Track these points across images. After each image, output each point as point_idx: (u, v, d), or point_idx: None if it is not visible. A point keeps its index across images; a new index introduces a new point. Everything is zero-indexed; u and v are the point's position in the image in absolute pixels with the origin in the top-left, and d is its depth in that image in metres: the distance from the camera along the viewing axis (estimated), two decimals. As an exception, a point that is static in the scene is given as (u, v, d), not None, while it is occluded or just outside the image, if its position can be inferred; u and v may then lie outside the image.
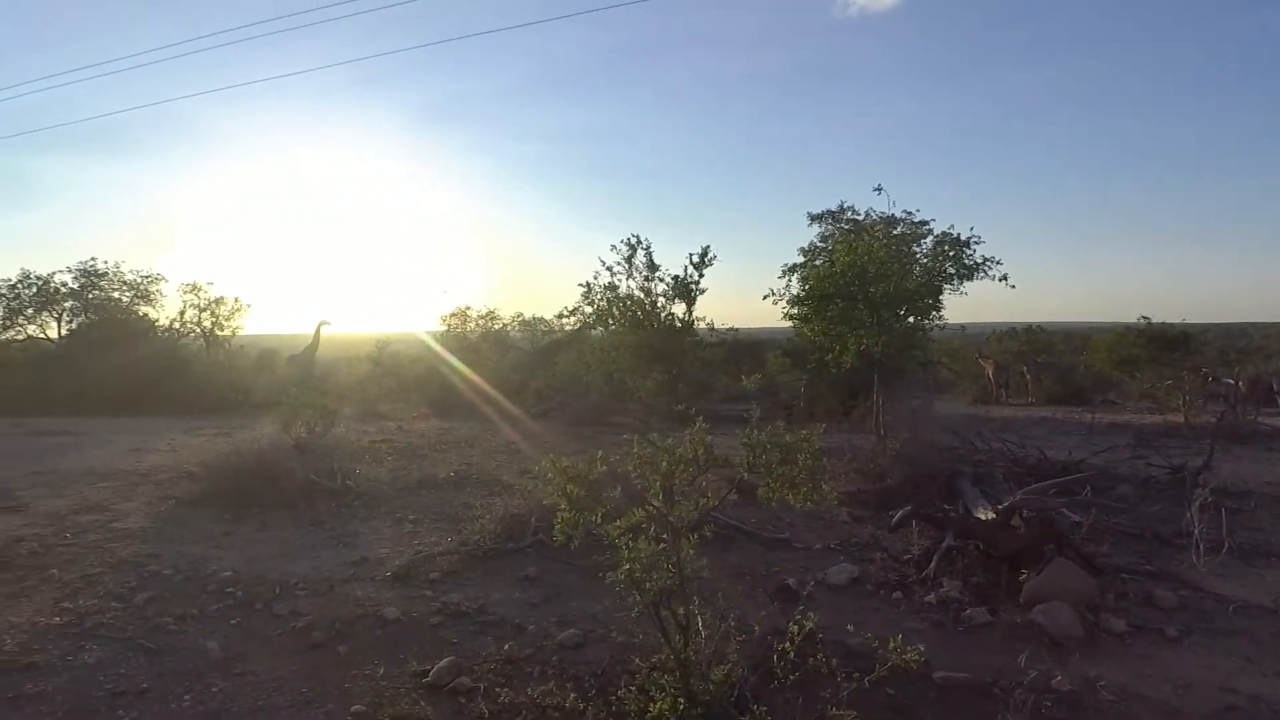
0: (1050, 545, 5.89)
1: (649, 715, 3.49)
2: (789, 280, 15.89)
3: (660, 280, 17.44)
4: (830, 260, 12.61)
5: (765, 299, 14.81)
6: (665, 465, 3.48)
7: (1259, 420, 14.16)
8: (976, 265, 13.16)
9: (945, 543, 6.09)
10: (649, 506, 3.52)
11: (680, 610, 3.65)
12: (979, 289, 13.24)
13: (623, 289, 17.59)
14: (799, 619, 3.64)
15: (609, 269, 17.59)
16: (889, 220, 14.41)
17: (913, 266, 13.08)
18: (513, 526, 6.97)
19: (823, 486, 3.68)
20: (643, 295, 17.44)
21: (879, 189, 13.66)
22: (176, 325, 25.85)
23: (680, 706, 3.49)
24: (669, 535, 3.52)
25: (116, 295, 25.08)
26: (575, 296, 18.20)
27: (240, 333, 27.67)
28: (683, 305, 17.48)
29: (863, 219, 18.98)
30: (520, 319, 29.96)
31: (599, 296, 17.71)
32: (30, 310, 24.68)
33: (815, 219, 20.28)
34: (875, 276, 11.60)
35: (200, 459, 10.56)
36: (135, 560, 6.51)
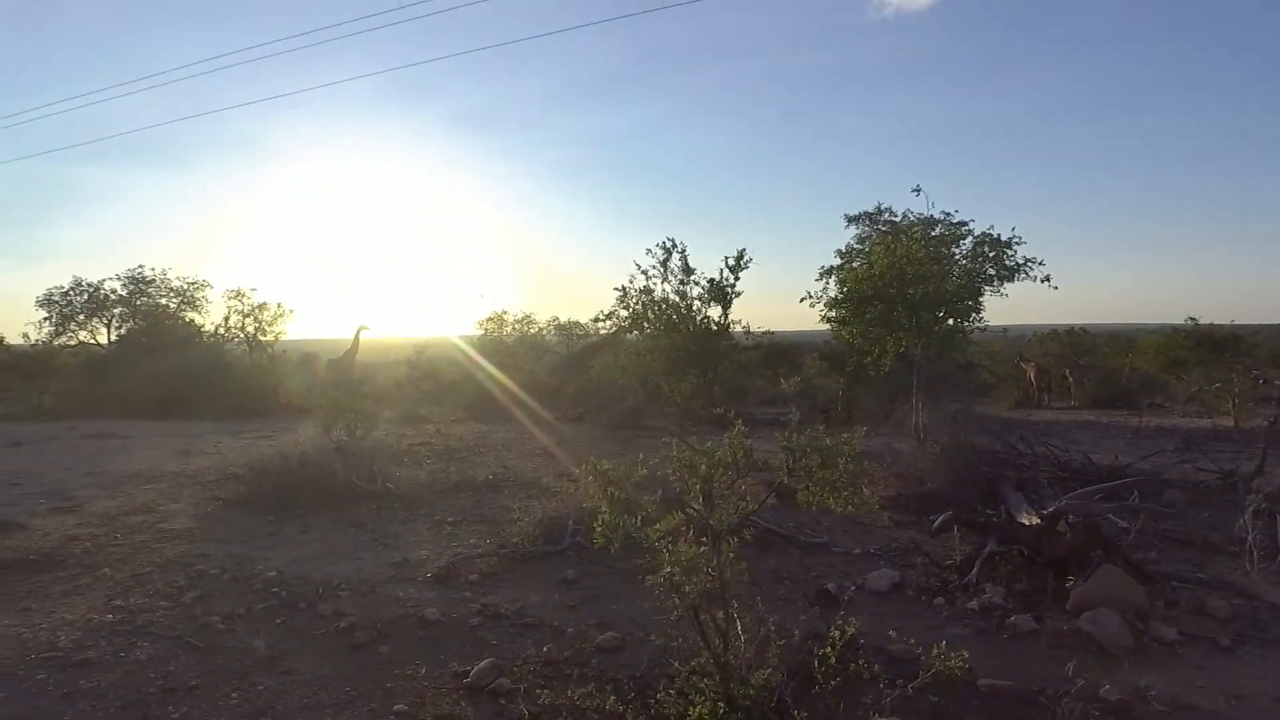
0: (1097, 552, 5.77)
1: (688, 719, 3.49)
2: (826, 282, 15.79)
3: (696, 283, 17.44)
4: (868, 262, 12.49)
5: (802, 301, 14.72)
6: (704, 469, 3.47)
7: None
8: (1017, 266, 12.93)
9: (988, 548, 6.00)
10: (689, 510, 3.52)
11: (720, 614, 3.64)
12: (1021, 290, 12.99)
13: (658, 292, 17.62)
14: (840, 624, 3.60)
15: (644, 273, 17.63)
16: (927, 221, 14.23)
17: (952, 268, 12.90)
18: (551, 529, 7.00)
19: (864, 491, 3.65)
20: (678, 299, 17.44)
21: (917, 190, 13.53)
22: (221, 330, 26.41)
23: (720, 711, 3.48)
24: (708, 539, 3.51)
25: (164, 301, 25.73)
26: (610, 300, 18.26)
27: (283, 337, 28.21)
28: (718, 308, 17.46)
29: (900, 220, 18.79)
30: (555, 323, 30.11)
31: (634, 300, 17.75)
32: (81, 316, 25.42)
33: (852, 221, 20.13)
34: (914, 278, 11.46)
35: (244, 461, 10.79)
36: (183, 560, 6.66)
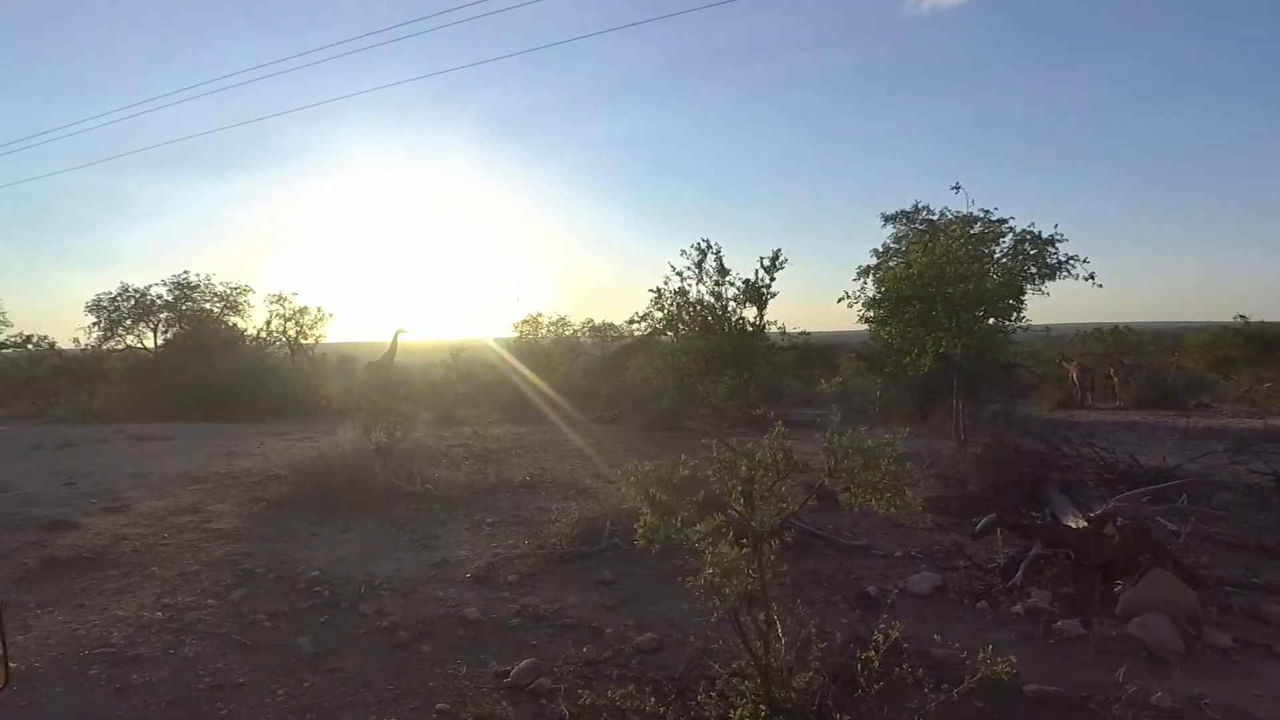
0: (1146, 555, 5.64)
1: (729, 721, 3.47)
2: (864, 282, 15.64)
3: (731, 284, 17.37)
4: (906, 262, 12.35)
5: (840, 301, 14.61)
6: (745, 470, 3.46)
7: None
8: (1059, 264, 12.70)
9: (1033, 551, 5.89)
10: (730, 511, 3.50)
11: (760, 616, 3.62)
12: (1064, 288, 12.76)
13: (693, 294, 17.58)
14: (883, 627, 3.56)
15: (679, 274, 17.60)
16: (966, 219, 14.02)
17: (991, 267, 12.71)
18: (588, 530, 7.02)
19: (906, 492, 3.61)
20: (713, 299, 17.39)
21: (957, 187, 13.32)
22: (263, 334, 26.94)
23: (761, 714, 3.46)
24: (749, 540, 3.49)
25: (208, 306, 26.33)
26: (644, 301, 18.27)
27: (323, 341, 28.67)
28: (753, 309, 17.37)
29: (938, 219, 18.57)
30: (590, 325, 30.26)
31: (669, 301, 17.73)
32: (129, 321, 26.12)
33: (889, 219, 19.94)
34: (954, 277, 11.30)
35: (287, 462, 10.99)
36: (229, 559, 6.79)
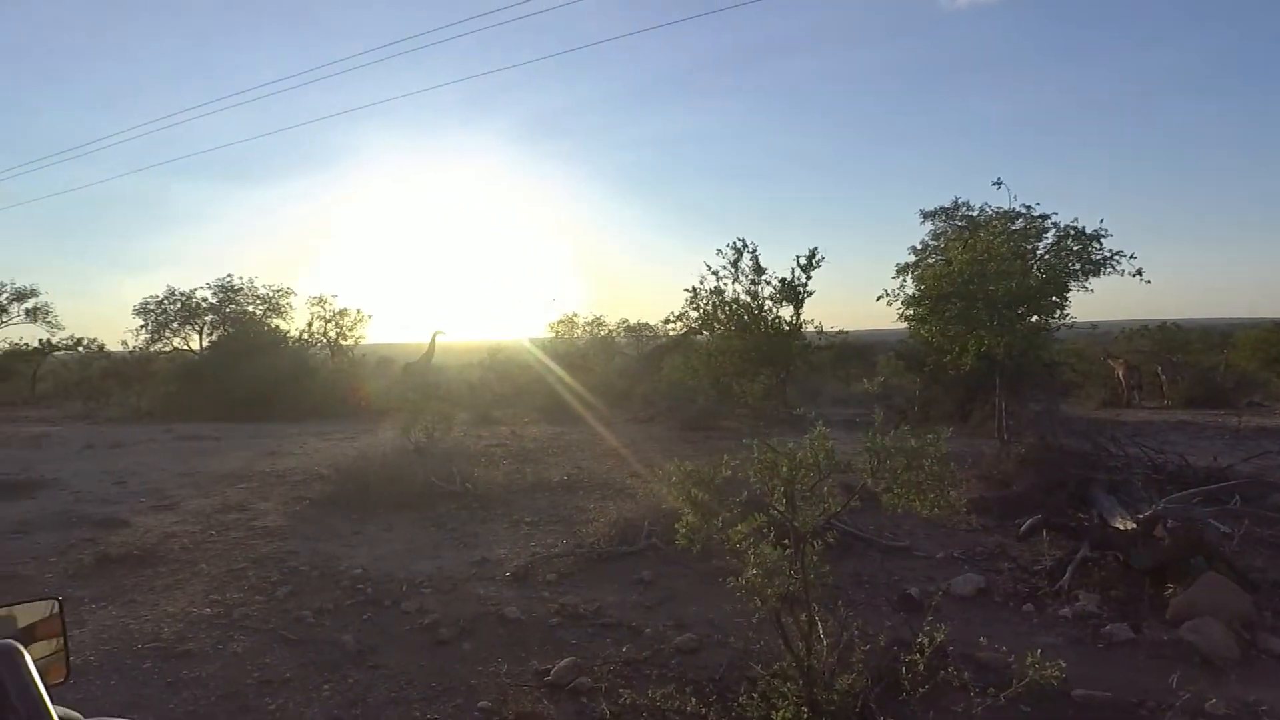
0: (1198, 558, 5.51)
1: (771, 723, 3.45)
2: (903, 280, 15.44)
3: (767, 283, 17.26)
4: (947, 259, 12.17)
5: (879, 300, 14.44)
6: (786, 470, 3.43)
7: None
8: (1104, 260, 12.40)
9: (1080, 553, 5.78)
10: (772, 511, 3.48)
11: (802, 617, 3.59)
12: (1110, 285, 12.41)
13: (729, 293, 17.51)
14: (928, 629, 3.51)
15: (715, 273, 17.54)
16: (1007, 215, 13.77)
17: (1034, 263, 12.47)
18: (626, 530, 7.04)
19: (951, 493, 3.55)
20: (749, 299, 17.30)
21: (998, 183, 13.04)
22: (304, 335, 27.39)
23: (803, 715, 3.43)
24: (791, 541, 3.47)
25: (251, 308, 26.86)
26: (680, 301, 18.24)
27: (362, 342, 29.09)
28: (790, 308, 17.25)
29: (977, 215, 18.29)
30: (625, 325, 30.29)
31: (705, 301, 17.68)
32: (175, 324, 26.76)
33: (928, 216, 19.70)
34: (996, 274, 11.12)
35: (329, 462, 11.16)
36: (275, 556, 6.92)
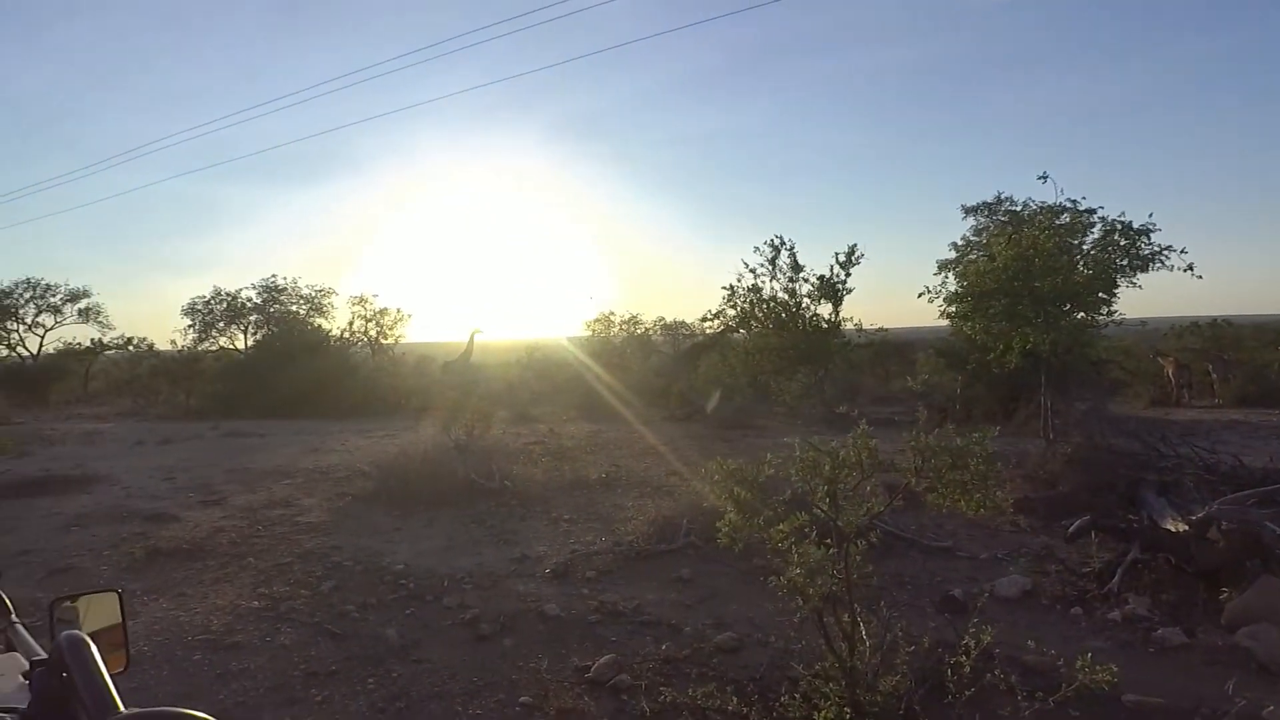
0: (1254, 561, 5.35)
1: (814, 724, 3.42)
2: (945, 276, 15.22)
3: (805, 280, 17.12)
4: (990, 255, 11.95)
5: (920, 296, 14.24)
6: (829, 469, 3.40)
7: None
8: (1153, 254, 12.07)
9: (1130, 555, 5.65)
10: (816, 511, 3.45)
11: (845, 617, 3.56)
12: (1161, 280, 12.03)
13: (766, 290, 17.40)
14: (973, 631, 3.46)
15: (752, 271, 17.44)
16: (1052, 210, 13.48)
17: (1080, 259, 12.19)
18: (665, 528, 7.04)
19: (997, 493, 3.50)
20: (787, 296, 17.18)
21: (1044, 177, 12.76)
22: (346, 334, 27.82)
23: (846, 716, 3.41)
24: (833, 540, 3.44)
25: (294, 308, 27.34)
26: (716, 300, 18.17)
27: (402, 341, 29.46)
28: (829, 305, 17.10)
29: (1021, 210, 17.96)
30: (662, 323, 30.26)
31: (742, 299, 17.59)
32: (221, 323, 27.35)
33: (970, 212, 19.40)
34: (1041, 270, 10.90)
35: (370, 459, 11.32)
36: (319, 551, 7.04)
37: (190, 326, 27.36)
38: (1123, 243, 12.06)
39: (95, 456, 13.00)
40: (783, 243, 17.15)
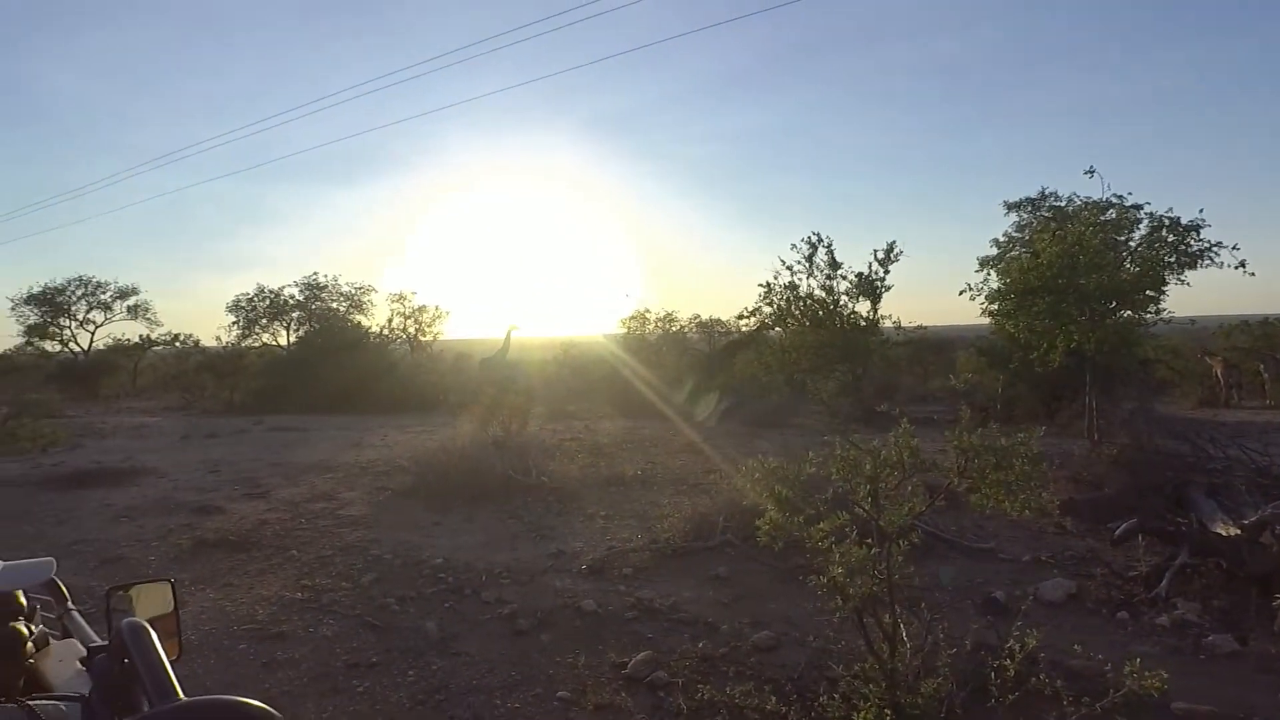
0: (1311, 567, 5.19)
1: (853, 725, 3.39)
2: (987, 274, 14.97)
3: (843, 278, 16.93)
4: (1034, 251, 11.72)
5: (961, 294, 14.04)
6: (870, 468, 3.37)
7: None
8: (1202, 251, 11.74)
9: (1179, 560, 5.51)
10: (858, 510, 3.42)
11: (886, 618, 3.52)
12: (1209, 278, 11.70)
13: (803, 288, 17.24)
14: (1018, 634, 3.40)
15: (789, 268, 17.29)
16: (1098, 205, 13.17)
17: (1127, 255, 11.91)
18: (701, 526, 7.02)
19: (1043, 494, 3.44)
20: (824, 293, 17.01)
21: (1091, 171, 12.47)
22: (385, 331, 28.16)
23: (886, 718, 3.37)
24: (874, 540, 3.41)
25: (335, 305, 27.73)
26: (751, 297, 18.05)
27: (440, 338, 29.75)
28: (867, 303, 16.90)
29: (1065, 205, 17.60)
30: (697, 320, 30.16)
31: (779, 296, 17.45)
32: (264, 320, 27.84)
33: (1012, 208, 19.06)
34: (1087, 267, 10.67)
35: (409, 454, 11.46)
36: (359, 545, 7.15)
37: (234, 323, 27.88)
38: (1171, 239, 11.76)
39: (144, 449, 13.34)
40: (820, 240, 16.98)
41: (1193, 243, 11.66)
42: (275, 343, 27.88)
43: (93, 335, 31.17)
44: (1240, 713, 3.85)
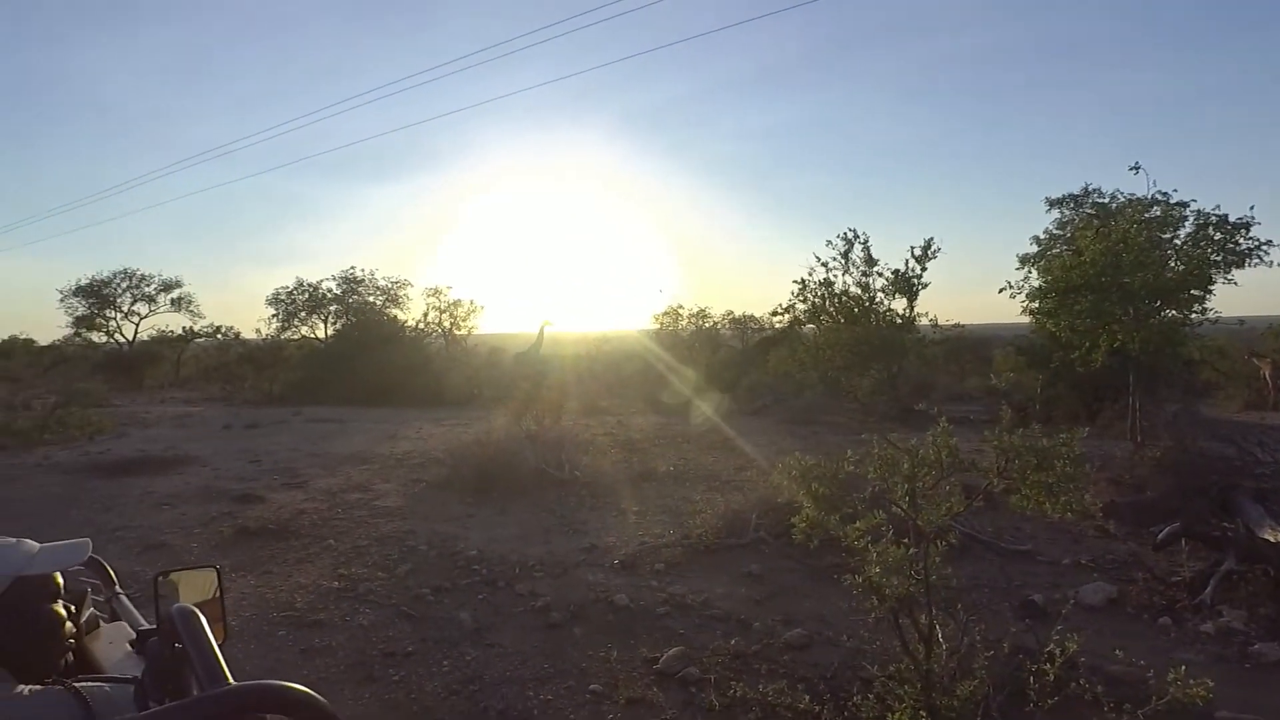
0: (1364, 576, 5.04)
1: (887, 725, 3.37)
2: (1028, 271, 14.70)
3: (879, 275, 16.74)
4: (1077, 249, 11.49)
5: (1001, 292, 13.82)
6: (908, 467, 3.34)
7: None
8: (1251, 249, 11.41)
9: (1225, 566, 5.38)
10: (895, 509, 3.39)
11: (922, 619, 3.49)
12: (1260, 277, 11.38)
13: (839, 284, 17.08)
14: (1057, 638, 3.35)
15: (824, 264, 17.14)
16: (1142, 203, 12.86)
17: (1172, 254, 11.63)
18: (734, 523, 7.00)
19: (1085, 496, 3.38)
20: (860, 290, 16.84)
21: (1136, 168, 12.17)
22: (421, 325, 28.45)
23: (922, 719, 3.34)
24: (911, 539, 3.37)
25: (371, 299, 28.08)
26: (784, 294, 17.93)
27: (474, 332, 29.99)
28: (903, 300, 16.69)
29: (1109, 202, 17.22)
30: (730, 317, 30.11)
31: (813, 293, 17.31)
32: (303, 313, 28.29)
33: (1054, 204, 18.68)
34: (1131, 265, 10.44)
35: (444, 447, 11.58)
36: (395, 535, 7.24)
37: (274, 316, 28.43)
38: (1218, 237, 11.47)
39: (186, 439, 13.64)
40: (856, 236, 16.81)
41: (1241, 241, 11.36)
42: (313, 335, 28.33)
43: (137, 327, 31.95)
44: (1288, 723, 3.75)
